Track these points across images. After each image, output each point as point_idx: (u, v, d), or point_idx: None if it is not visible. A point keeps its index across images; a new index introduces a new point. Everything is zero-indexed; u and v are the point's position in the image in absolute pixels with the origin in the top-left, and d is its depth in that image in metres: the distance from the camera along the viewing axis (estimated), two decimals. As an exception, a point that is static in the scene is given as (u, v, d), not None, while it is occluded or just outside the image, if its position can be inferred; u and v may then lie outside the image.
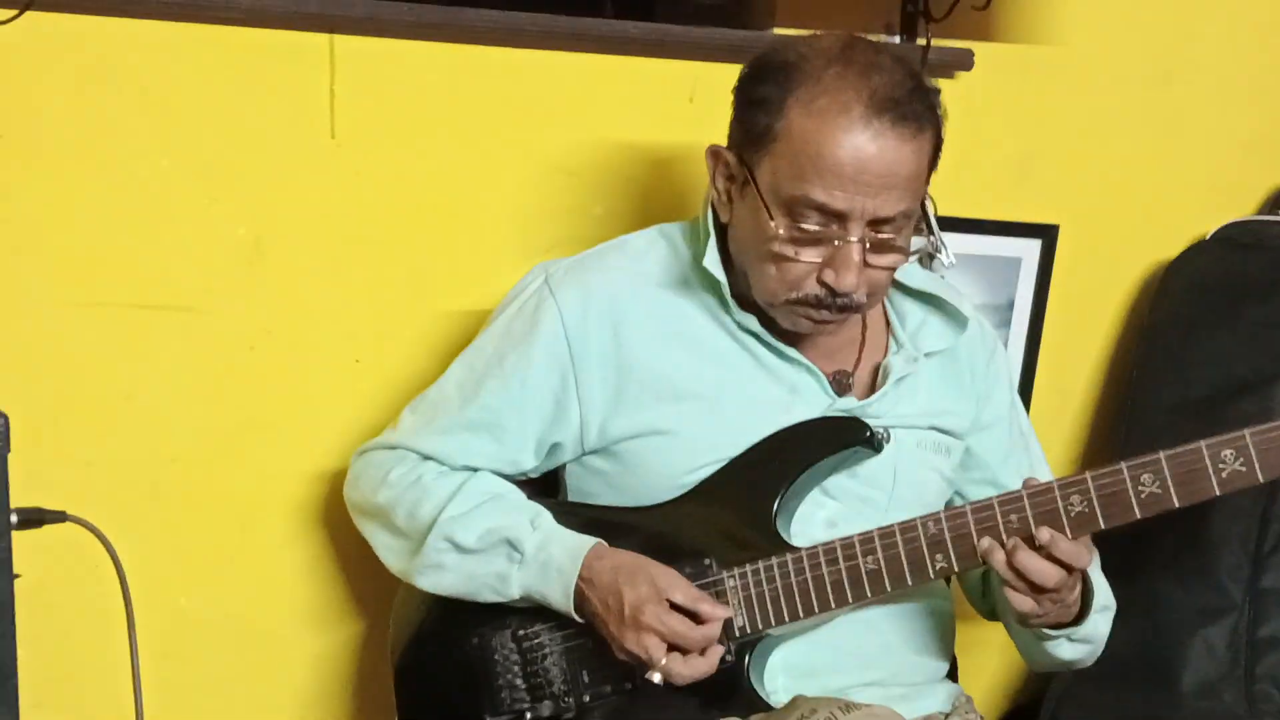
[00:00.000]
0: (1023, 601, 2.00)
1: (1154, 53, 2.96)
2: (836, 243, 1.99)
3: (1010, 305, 2.85)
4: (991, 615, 2.36)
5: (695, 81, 2.56)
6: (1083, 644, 2.16)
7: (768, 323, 2.13)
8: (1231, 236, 2.95)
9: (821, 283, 2.02)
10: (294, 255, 2.38)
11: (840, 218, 1.98)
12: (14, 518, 1.75)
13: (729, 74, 2.51)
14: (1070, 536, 2.00)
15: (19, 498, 1.81)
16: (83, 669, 2.26)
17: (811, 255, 2.01)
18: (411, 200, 2.44)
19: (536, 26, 2.43)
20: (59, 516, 1.84)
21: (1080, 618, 2.11)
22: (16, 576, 1.82)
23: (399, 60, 2.39)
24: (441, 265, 2.47)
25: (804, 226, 1.99)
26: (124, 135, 2.25)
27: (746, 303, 2.13)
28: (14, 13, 2.03)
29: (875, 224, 1.99)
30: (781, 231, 1.99)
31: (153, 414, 2.32)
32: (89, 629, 2.21)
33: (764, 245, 2.02)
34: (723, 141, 2.11)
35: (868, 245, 2.00)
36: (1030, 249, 2.85)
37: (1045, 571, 1.97)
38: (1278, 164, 3.07)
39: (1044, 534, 1.98)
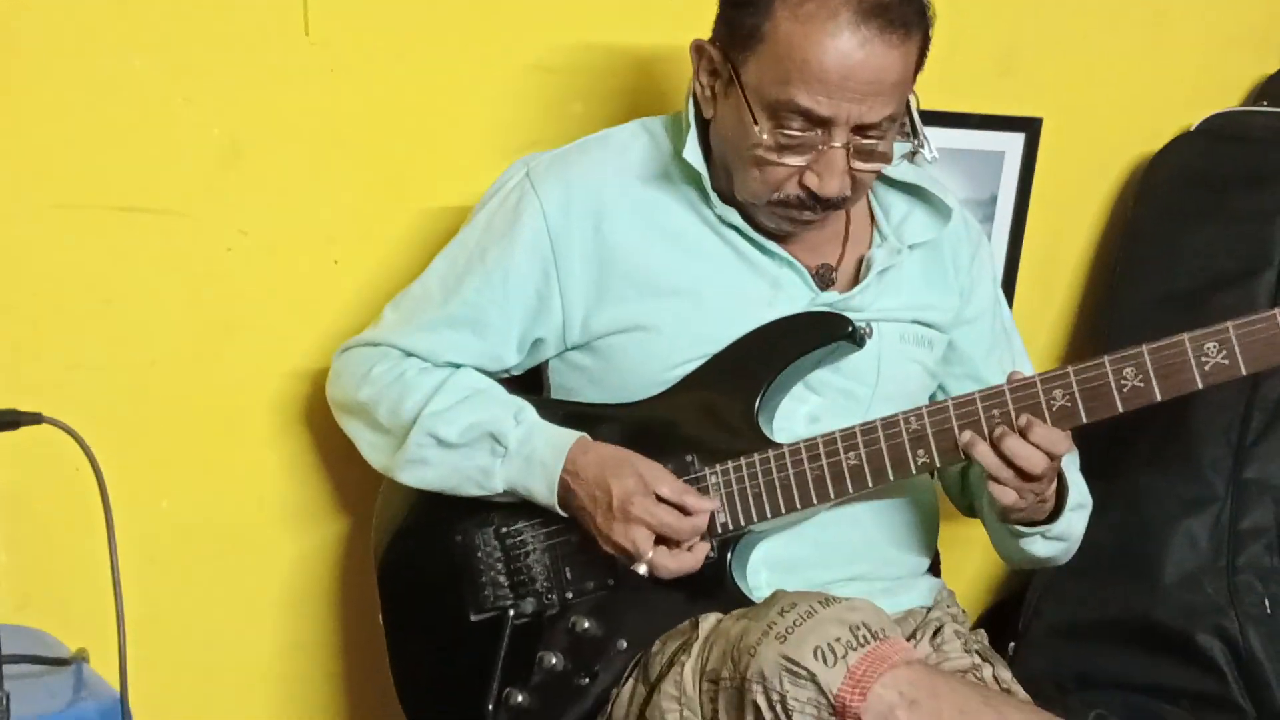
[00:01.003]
0: (1005, 493, 2.00)
1: (1139, -57, 2.94)
2: (820, 148, 1.98)
3: (993, 199, 2.84)
4: (969, 512, 2.36)
5: (675, -26, 2.54)
6: (1057, 541, 2.17)
7: (749, 217, 2.12)
8: (1216, 128, 2.94)
9: (803, 186, 2.02)
10: (270, 155, 2.35)
11: (825, 123, 1.97)
12: (-12, 420, 1.75)
13: (710, -34, 2.49)
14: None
15: (-5, 400, 1.81)
16: (63, 572, 2.26)
17: (794, 159, 2.00)
18: (388, 99, 2.42)
19: (513, -80, 2.40)
20: (35, 418, 1.83)
21: (1055, 515, 2.12)
22: (-7, 479, 1.82)
23: (374, -44, 2.37)
24: (419, 164, 2.45)
25: (788, 131, 1.98)
26: (96, 34, 2.22)
27: (728, 196, 2.12)
28: (-22, -91, 2.00)
29: (860, 129, 1.98)
30: (765, 137, 1.98)
31: (131, 316, 2.30)
32: (69, 531, 2.21)
33: (747, 148, 2.01)
34: (706, 36, 2.09)
35: (851, 150, 1.99)
36: (1014, 142, 2.84)
37: (1032, 457, 1.97)
38: (1262, 56, 3.06)
39: (1022, 419, 1.98)
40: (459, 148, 2.46)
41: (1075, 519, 2.18)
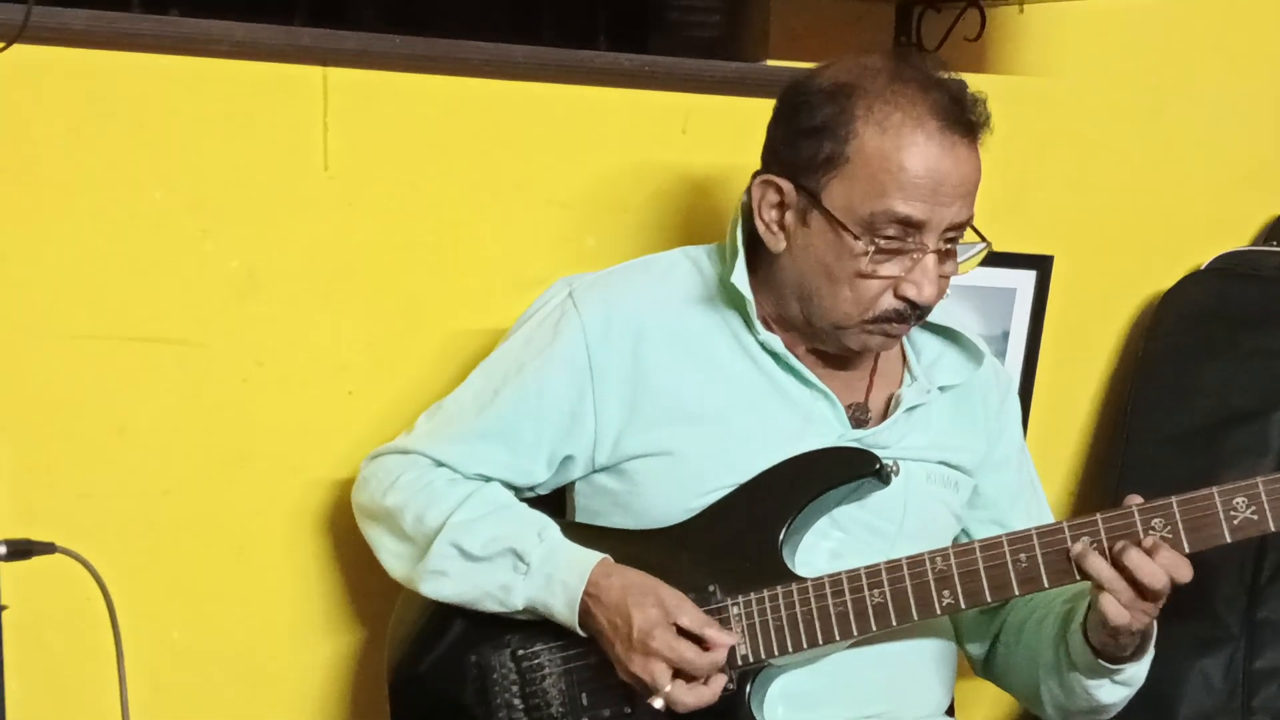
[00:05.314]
0: (1120, 613, 1.95)
1: (1148, 84, 2.97)
2: (915, 255, 2.02)
3: (1005, 336, 2.85)
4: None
5: (688, 113, 2.57)
6: (1122, 687, 2.12)
7: (791, 345, 2.14)
8: (1227, 267, 2.96)
9: (900, 297, 2.04)
10: (287, 288, 2.37)
11: (919, 228, 2.01)
12: (2, 549, 1.75)
13: (722, 105, 2.53)
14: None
15: (9, 529, 1.81)
16: (73, 702, 2.25)
17: (890, 270, 2.03)
18: (405, 233, 2.44)
19: (529, 59, 2.43)
20: (48, 548, 1.83)
21: (1139, 652, 2.08)
22: (5, 608, 1.82)
23: (392, 93, 2.39)
24: (434, 297, 2.46)
25: (884, 242, 2.01)
26: (117, 168, 2.25)
27: (770, 324, 2.14)
28: (1, 45, 2.03)
29: (946, 231, 2.03)
30: (869, 247, 2.01)
31: (145, 446, 2.31)
32: (79, 661, 2.20)
33: (843, 265, 2.04)
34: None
35: (940, 254, 2.04)
36: (1025, 280, 2.85)
37: (1156, 573, 1.94)
38: (1273, 195, 3.08)
39: (1150, 540, 1.96)
40: (474, 281, 2.48)
41: (1146, 665, 2.13)
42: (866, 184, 2.00)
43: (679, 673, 1.99)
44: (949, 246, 2.05)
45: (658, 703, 1.99)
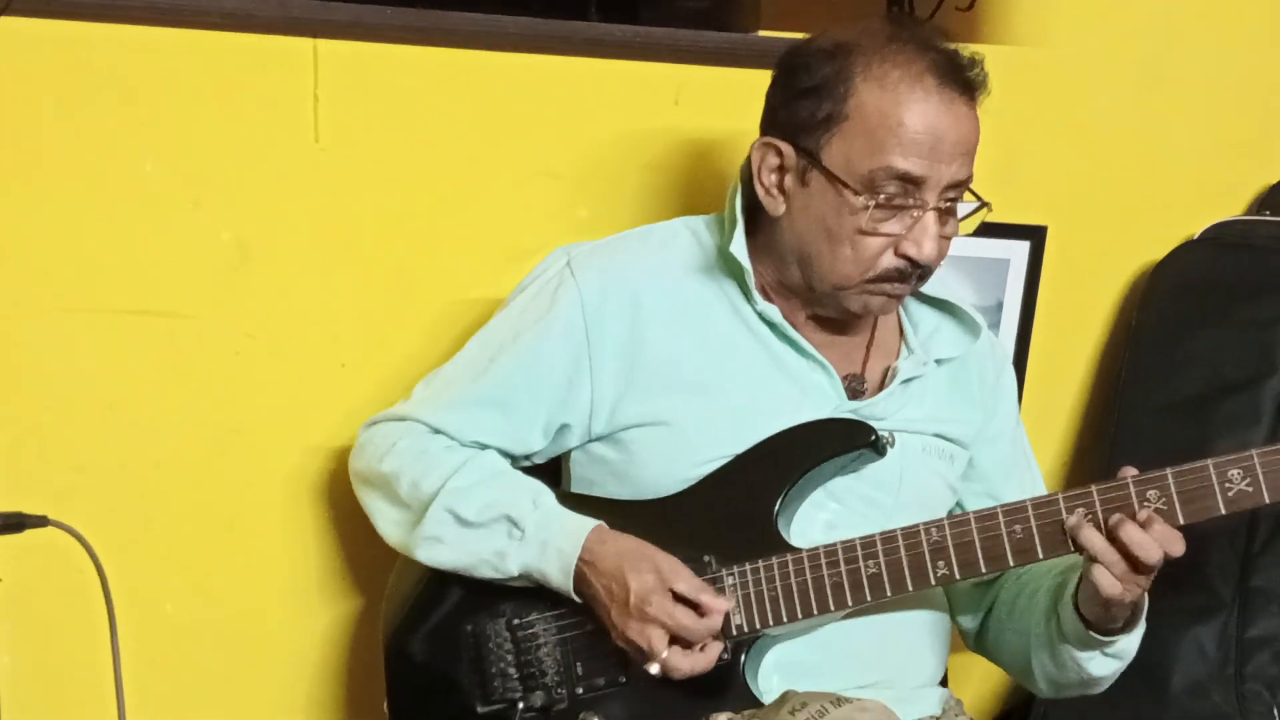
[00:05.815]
0: (1113, 585, 1.96)
1: (1141, 54, 2.97)
2: (915, 213, 2.02)
3: (999, 306, 2.85)
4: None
5: (680, 84, 2.56)
6: (1114, 660, 2.13)
7: (789, 314, 2.14)
8: (1219, 237, 2.95)
9: (901, 255, 2.04)
10: (279, 260, 2.37)
11: (918, 185, 2.01)
12: (-6, 521, 1.76)
13: (714, 76, 2.52)
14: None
15: (1, 502, 1.81)
16: (66, 675, 2.25)
17: (890, 228, 2.03)
18: (396, 204, 2.44)
19: (521, 30, 2.42)
20: (40, 521, 1.83)
21: (1130, 624, 2.09)
22: (-2, 581, 1.82)
23: (383, 64, 2.39)
24: (426, 268, 2.46)
25: (884, 199, 2.01)
26: (107, 140, 2.24)
27: (768, 295, 2.14)
28: (-9, 16, 2.03)
29: (945, 190, 2.03)
30: (869, 204, 2.01)
31: (137, 419, 2.31)
32: (72, 635, 2.20)
33: (843, 224, 2.04)
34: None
35: (940, 213, 2.04)
36: (1018, 250, 2.85)
37: (1149, 546, 1.94)
38: (1265, 164, 3.07)
39: (1143, 514, 1.96)
40: (466, 252, 2.48)
41: (1137, 638, 2.14)
42: (866, 141, 2.00)
43: (675, 639, 2.00)
44: (949, 205, 2.05)
45: (654, 669, 1.99)
